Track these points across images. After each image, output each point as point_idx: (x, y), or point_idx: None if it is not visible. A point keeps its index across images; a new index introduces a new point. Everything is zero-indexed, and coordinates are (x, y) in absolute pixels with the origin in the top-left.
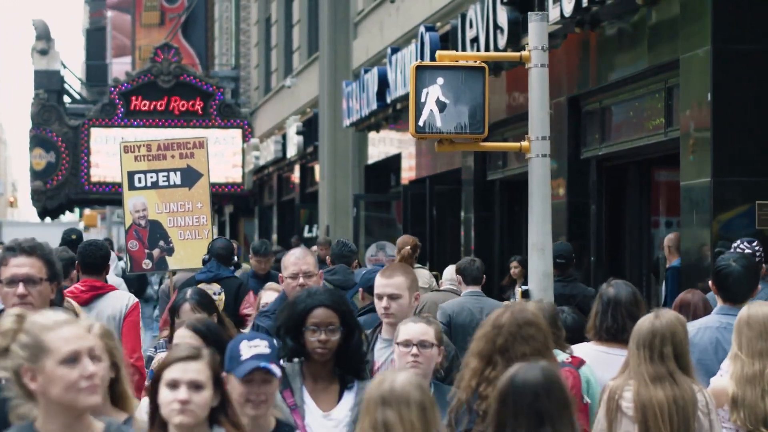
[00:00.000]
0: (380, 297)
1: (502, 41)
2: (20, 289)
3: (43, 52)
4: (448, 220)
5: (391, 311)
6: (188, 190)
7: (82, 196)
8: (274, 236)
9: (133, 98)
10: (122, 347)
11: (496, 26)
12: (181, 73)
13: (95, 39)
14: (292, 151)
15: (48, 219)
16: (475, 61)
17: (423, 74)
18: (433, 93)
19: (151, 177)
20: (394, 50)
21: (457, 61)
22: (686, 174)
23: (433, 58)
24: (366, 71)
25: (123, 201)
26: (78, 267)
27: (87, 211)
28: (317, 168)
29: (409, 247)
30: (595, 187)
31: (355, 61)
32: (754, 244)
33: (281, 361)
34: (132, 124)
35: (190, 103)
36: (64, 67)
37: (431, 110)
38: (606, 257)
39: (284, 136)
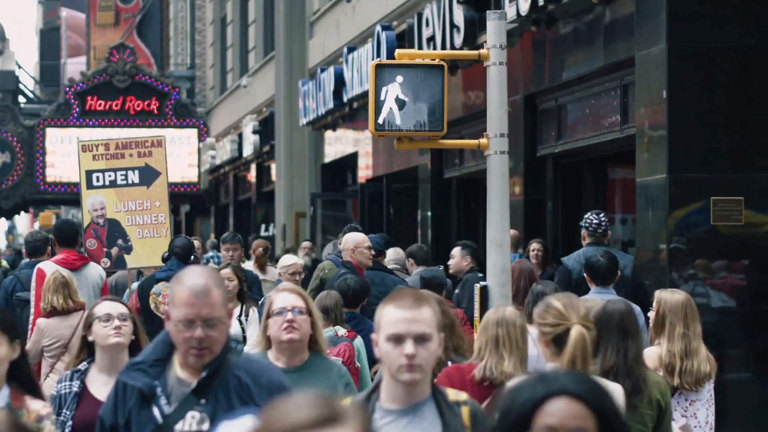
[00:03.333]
0: (398, 338)
1: (458, 40)
2: None
3: None
4: (405, 218)
5: (417, 361)
6: (146, 189)
7: (38, 197)
8: None
9: (89, 98)
10: None
11: (453, 25)
12: (136, 73)
13: (49, 39)
14: (248, 151)
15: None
16: (434, 60)
17: (382, 72)
18: (393, 91)
19: (110, 176)
20: (351, 49)
21: (415, 60)
22: (642, 171)
23: (390, 57)
24: (322, 70)
25: (81, 200)
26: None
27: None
28: (273, 167)
29: (261, 248)
30: (552, 185)
31: (312, 61)
32: (601, 215)
33: None
34: (87, 124)
35: (146, 103)
36: (19, 67)
37: (390, 108)
38: (562, 254)
39: (240, 136)
